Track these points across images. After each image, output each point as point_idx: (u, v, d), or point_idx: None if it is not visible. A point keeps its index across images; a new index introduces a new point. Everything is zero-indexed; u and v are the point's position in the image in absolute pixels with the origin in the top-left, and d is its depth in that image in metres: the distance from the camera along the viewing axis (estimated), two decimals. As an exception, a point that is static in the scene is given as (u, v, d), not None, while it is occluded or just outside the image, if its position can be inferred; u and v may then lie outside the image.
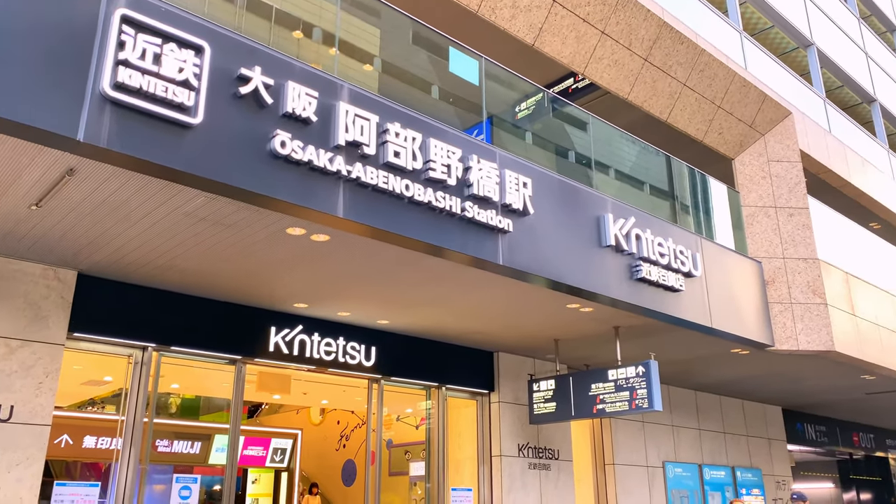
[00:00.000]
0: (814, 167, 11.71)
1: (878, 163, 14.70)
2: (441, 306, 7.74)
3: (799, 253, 10.14)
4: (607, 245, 7.42)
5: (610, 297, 7.33)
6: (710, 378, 11.86)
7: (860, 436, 17.57)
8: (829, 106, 13.80)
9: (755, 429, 13.90)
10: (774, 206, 10.48)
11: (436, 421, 9.16)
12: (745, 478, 13.19)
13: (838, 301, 10.29)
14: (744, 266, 9.75)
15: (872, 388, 12.58)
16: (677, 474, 11.86)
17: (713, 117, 10.48)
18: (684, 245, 8.43)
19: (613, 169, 9.53)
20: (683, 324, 8.23)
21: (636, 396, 7.79)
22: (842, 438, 16.86)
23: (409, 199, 5.67)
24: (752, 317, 9.45)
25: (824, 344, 9.62)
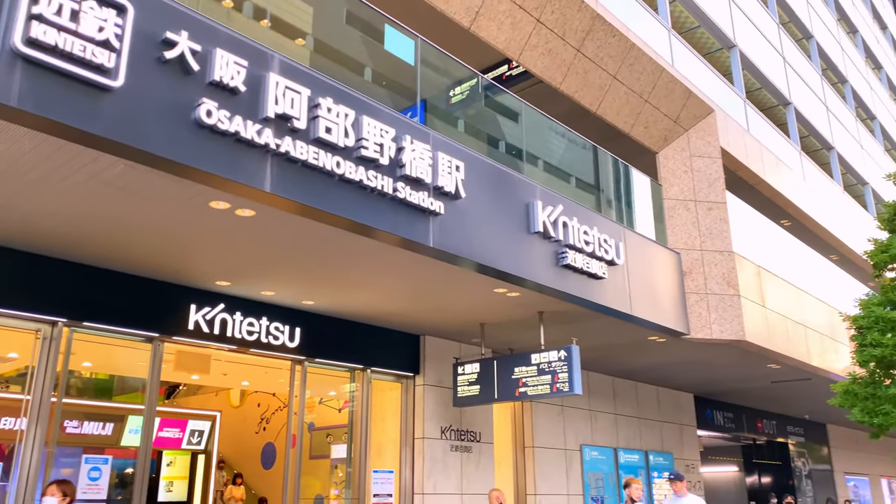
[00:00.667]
0: (732, 164, 12.20)
1: (790, 163, 15.44)
2: (369, 288, 7.69)
3: (716, 245, 10.56)
4: (536, 231, 7.52)
5: (536, 282, 7.44)
6: (627, 364, 12.25)
7: (764, 422, 18.55)
8: (748, 106, 14.39)
9: (668, 415, 14.45)
10: (694, 200, 10.87)
11: (360, 403, 9.11)
12: (657, 461, 13.72)
13: (750, 293, 10.79)
14: (663, 256, 10.08)
15: (777, 376, 13.27)
16: (593, 457, 12.22)
17: (640, 111, 10.75)
18: (608, 234, 8.64)
19: (542, 161, 9.66)
20: (605, 310, 8.45)
21: (557, 380, 7.96)
22: (747, 425, 17.75)
23: (339, 176, 5.57)
24: (670, 306, 9.80)
25: (736, 333, 10.07)
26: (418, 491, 9.12)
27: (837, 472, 21.37)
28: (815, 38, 19.57)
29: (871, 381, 8.54)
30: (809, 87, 18.30)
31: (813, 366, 12.34)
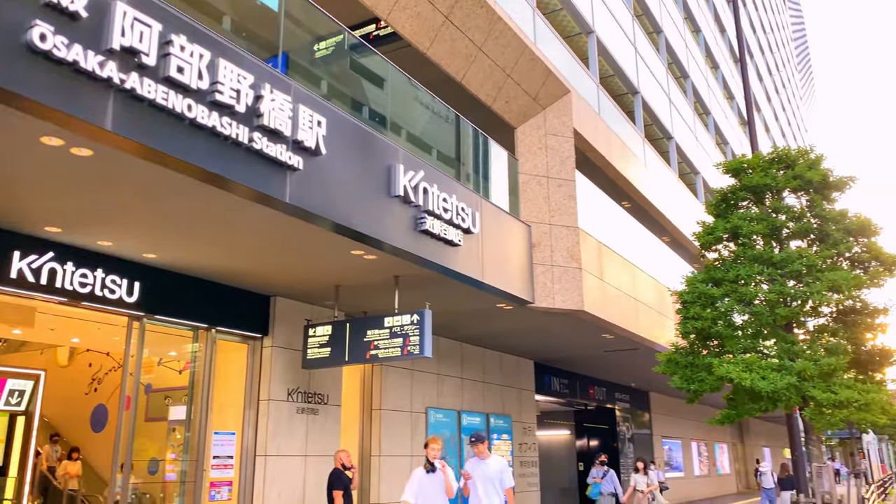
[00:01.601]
0: (583, 145, 12.82)
1: (634, 149, 16.48)
2: (218, 243, 7.34)
3: (563, 221, 11.10)
4: (396, 195, 7.52)
5: (394, 246, 7.46)
6: (476, 330, 12.66)
7: (596, 389, 19.94)
8: (601, 91, 15.15)
9: (510, 380, 15.14)
10: (547, 176, 11.33)
11: (202, 364, 8.74)
12: (497, 424, 14.37)
13: (591, 267, 11.47)
14: (516, 228, 10.46)
15: (610, 346, 14.28)
16: (438, 420, 12.57)
17: (503, 85, 10.99)
18: (466, 203, 8.81)
19: (406, 130, 9.62)
20: (459, 277, 8.65)
21: (409, 343, 8.06)
22: (581, 391, 19.00)
23: (191, 120, 5.24)
24: (518, 275, 10.20)
25: (576, 304, 10.69)
26: (261, 452, 8.95)
27: (656, 436, 23.48)
28: (664, 34, 20.91)
29: (690, 352, 9.40)
30: (656, 79, 19.58)
31: (642, 337, 13.40)
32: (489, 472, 7.07)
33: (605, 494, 12.77)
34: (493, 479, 7.05)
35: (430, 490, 6.87)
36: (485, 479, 7.03)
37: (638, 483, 12.70)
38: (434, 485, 6.87)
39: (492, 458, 7.23)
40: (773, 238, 9.42)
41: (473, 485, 7.08)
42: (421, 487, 6.89)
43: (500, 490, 7.03)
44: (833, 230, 9.02)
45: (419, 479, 6.94)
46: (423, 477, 6.92)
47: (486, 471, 7.07)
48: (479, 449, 7.14)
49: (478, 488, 7.02)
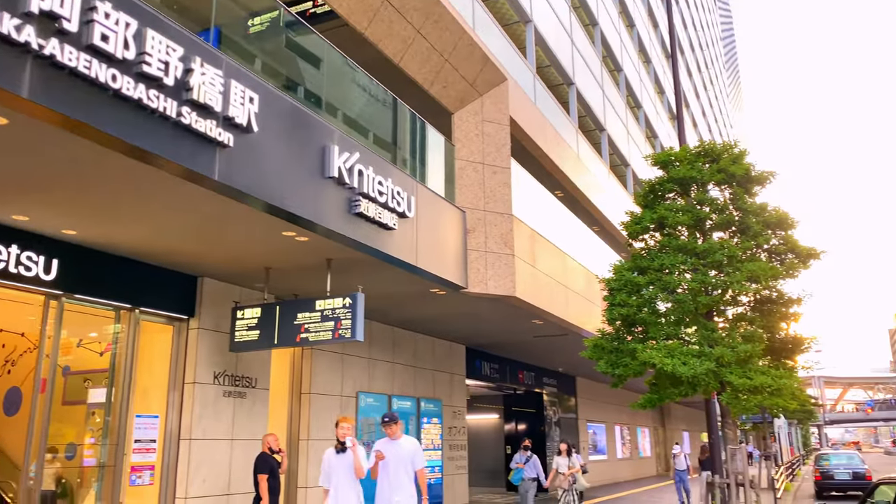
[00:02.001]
0: (518, 133, 12.94)
1: (569, 140, 16.75)
2: (144, 221, 7.09)
3: (498, 208, 11.20)
4: (330, 176, 7.42)
5: (327, 228, 7.37)
6: (408, 315, 12.67)
7: (525, 374, 20.30)
8: (537, 81, 15.32)
9: (442, 364, 15.25)
10: (483, 163, 11.40)
11: (124, 346, 8.45)
12: (427, 408, 14.46)
13: (523, 254, 11.63)
14: (451, 214, 10.49)
15: (539, 331, 14.55)
16: (369, 404, 12.56)
17: (440, 70, 10.97)
18: (402, 187, 8.78)
19: (342, 112, 9.48)
20: (393, 261, 8.62)
21: (340, 327, 8.00)
22: (510, 375, 19.30)
23: (115, 91, 5.02)
24: (452, 260, 10.25)
25: (508, 290, 10.83)
26: (185, 436, 8.74)
27: (581, 420, 24.11)
28: (599, 26, 21.27)
29: (616, 337, 9.67)
30: (591, 72, 19.92)
31: (570, 323, 13.70)
32: (401, 453, 6.94)
33: (527, 479, 12.76)
34: (405, 459, 6.92)
35: (340, 470, 6.74)
36: (396, 459, 6.90)
37: (560, 466, 12.73)
38: (343, 465, 6.74)
39: (403, 438, 7.08)
40: (696, 229, 9.75)
41: (384, 466, 6.91)
42: (332, 468, 6.78)
43: (411, 471, 6.92)
44: (753, 223, 9.40)
45: (329, 460, 6.83)
46: (334, 457, 6.81)
47: (397, 452, 6.94)
48: (392, 430, 7.00)
49: (388, 469, 6.88)
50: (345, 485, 6.70)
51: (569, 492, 12.46)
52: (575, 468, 12.61)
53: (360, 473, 6.70)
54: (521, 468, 12.87)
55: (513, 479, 13.24)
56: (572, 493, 12.44)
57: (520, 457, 13.11)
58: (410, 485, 6.91)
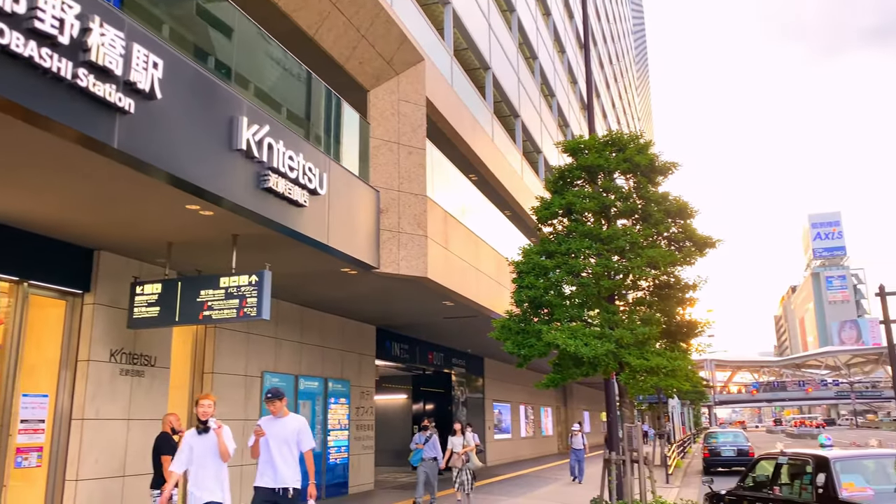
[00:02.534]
0: (434, 115, 12.95)
1: (484, 124, 16.91)
2: (35, 189, 6.66)
3: (412, 188, 11.19)
4: (238, 149, 7.19)
5: (234, 202, 7.14)
6: (318, 295, 12.51)
7: (434, 354, 20.49)
8: (454, 64, 15.34)
9: (351, 344, 15.17)
10: (398, 143, 11.34)
11: (11, 320, 7.94)
12: (335, 388, 14.37)
13: (436, 235, 11.68)
14: (364, 193, 10.40)
15: (450, 313, 14.70)
16: (274, 384, 12.34)
17: (357, 45, 10.80)
18: (314, 163, 8.62)
19: (254, 85, 9.18)
20: (303, 239, 8.47)
21: (246, 305, 7.80)
22: (420, 356, 19.44)
23: (2, 48, 4.67)
24: (364, 240, 10.18)
25: (420, 271, 10.87)
26: (77, 416, 8.33)
27: (488, 400, 24.60)
28: (517, 13, 21.49)
29: (523, 319, 9.88)
30: (507, 58, 20.13)
31: (480, 305, 13.90)
32: (285, 431, 6.41)
33: (426, 460, 12.45)
34: (289, 439, 6.41)
35: (201, 452, 6.21)
36: (279, 439, 6.37)
37: (455, 445, 12.63)
38: (205, 446, 6.21)
39: (290, 416, 6.56)
40: (602, 215, 10.06)
41: (265, 444, 6.37)
42: (192, 451, 6.24)
43: (296, 451, 6.46)
44: (655, 211, 9.78)
45: (190, 442, 6.27)
46: (194, 439, 6.26)
47: (281, 430, 6.40)
48: (275, 406, 6.47)
49: (270, 449, 6.35)
50: (207, 468, 6.20)
51: (462, 470, 12.49)
52: (469, 447, 12.62)
53: (225, 457, 6.25)
54: (420, 449, 12.60)
55: (411, 461, 12.84)
56: (466, 472, 12.49)
57: (419, 437, 12.82)
58: (295, 466, 6.42)
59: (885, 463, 7.50)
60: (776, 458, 8.12)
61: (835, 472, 6.75)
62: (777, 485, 7.76)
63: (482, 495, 14.61)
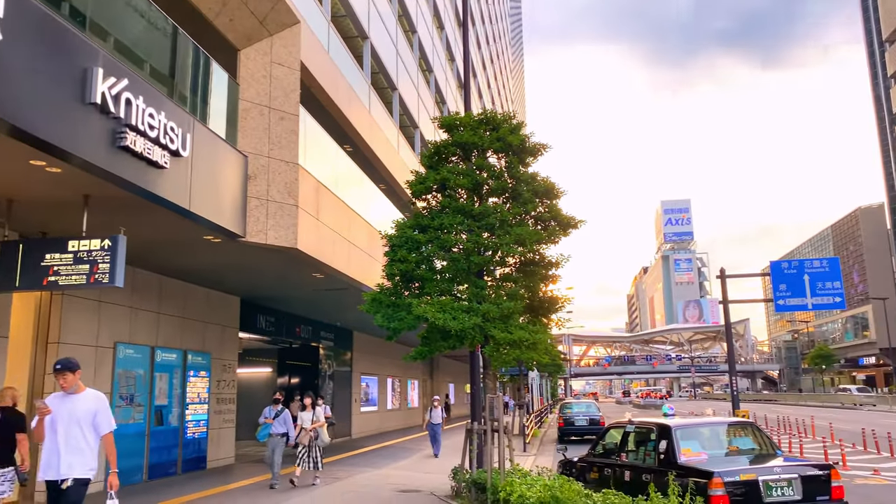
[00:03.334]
0: (309, 81, 12.57)
1: (361, 95, 16.64)
2: None
3: (283, 155, 10.83)
4: (92, 102, 6.63)
5: (85, 159, 6.59)
6: (179, 263, 11.90)
7: (302, 327, 20.14)
8: (332, 30, 14.94)
9: (214, 316, 14.59)
10: (269, 107, 10.92)
11: None
12: (195, 361, 13.79)
13: (308, 205, 11.41)
14: (231, 157, 9.95)
15: (320, 285, 14.47)
16: (129, 356, 11.66)
17: (228, 1, 10.24)
18: (177, 122, 8.12)
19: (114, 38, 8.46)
20: (162, 202, 7.99)
21: (97, 271, 7.27)
22: (287, 329, 19.04)
23: None
24: (230, 207, 9.76)
25: (290, 241, 10.58)
26: None
27: (356, 373, 24.57)
28: (397, -16, 21.23)
29: (394, 292, 9.91)
30: (386, 29, 19.87)
31: (352, 278, 13.78)
32: (77, 410, 5.37)
33: (275, 435, 11.78)
34: (83, 420, 5.38)
35: None
36: (69, 418, 5.34)
37: (304, 420, 12.02)
38: None
39: (85, 393, 5.52)
40: (474, 193, 10.23)
41: (52, 425, 5.33)
42: None
43: (92, 434, 5.43)
44: (524, 191, 10.07)
45: None
46: None
47: (71, 409, 5.37)
48: (66, 380, 5.39)
49: (58, 431, 5.31)
50: None
51: (310, 448, 11.96)
52: (319, 422, 12.11)
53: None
54: (269, 423, 11.87)
55: (258, 436, 12.00)
56: (315, 449, 11.99)
57: (269, 411, 12.05)
58: (89, 452, 5.40)
59: (718, 430, 8.24)
60: (624, 426, 8.70)
61: (675, 439, 7.32)
62: (624, 451, 8.32)
63: (346, 468, 14.63)
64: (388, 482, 12.37)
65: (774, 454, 7.60)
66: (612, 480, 7.94)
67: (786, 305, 21.30)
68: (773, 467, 6.84)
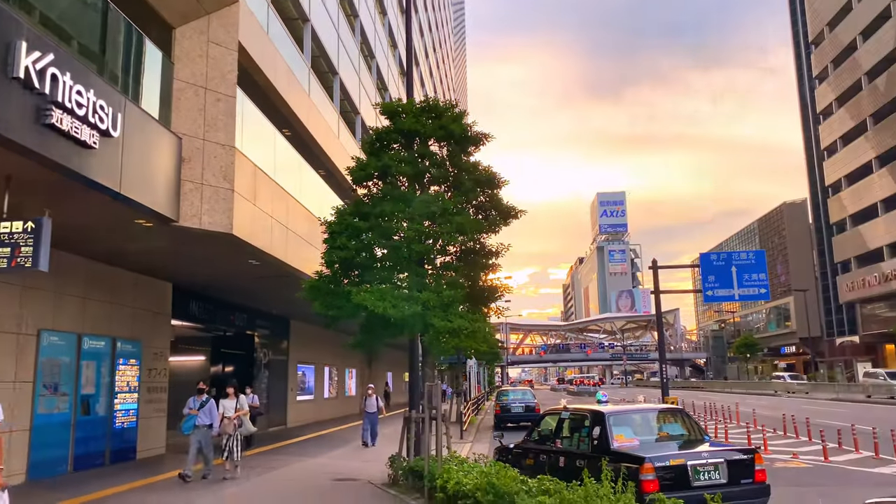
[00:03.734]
0: (248, 62, 12.26)
1: (301, 78, 16.33)
2: None
3: (219, 138, 10.54)
4: (15, 77, 6.31)
5: (6, 136, 6.27)
6: (107, 247, 11.47)
7: (237, 315, 19.73)
8: (271, 11, 14.59)
9: (144, 302, 14.13)
10: (205, 88, 10.60)
11: None
12: (124, 349, 13.34)
13: (245, 190, 11.15)
14: (164, 139, 9.62)
15: (256, 273, 14.18)
16: (53, 343, 11.19)
17: (163, -23, 9.88)
18: (107, 101, 7.79)
19: (40, 11, 8.04)
20: (91, 184, 7.67)
21: (19, 254, 6.93)
22: (222, 317, 18.62)
23: None
24: (163, 190, 9.45)
25: (225, 226, 10.33)
26: None
27: (292, 362, 24.25)
28: (340, -33, 20.88)
29: (333, 280, 9.80)
30: (328, 12, 19.54)
31: (290, 265, 13.56)
32: None
33: (200, 427, 11.02)
34: None
35: None
36: None
37: (226, 409, 11.37)
38: None
39: None
40: (416, 181, 10.20)
41: None
42: None
43: None
44: (466, 180, 10.10)
45: None
46: None
47: None
48: None
49: None
50: None
51: (233, 437, 11.37)
52: (242, 410, 11.59)
53: None
54: (194, 415, 11.08)
55: (183, 428, 11.16)
56: (236, 438, 11.40)
57: (193, 402, 11.24)
58: None
59: (649, 417, 8.48)
60: (559, 413, 8.86)
61: (608, 425, 7.50)
62: (559, 438, 8.47)
63: (281, 457, 14.45)
64: (325, 471, 12.28)
65: (702, 440, 7.88)
66: (548, 466, 8.07)
67: (714, 296, 22.07)
68: (700, 452, 7.09)
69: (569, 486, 5.77)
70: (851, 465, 12.43)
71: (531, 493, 5.91)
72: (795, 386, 47.55)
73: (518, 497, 5.86)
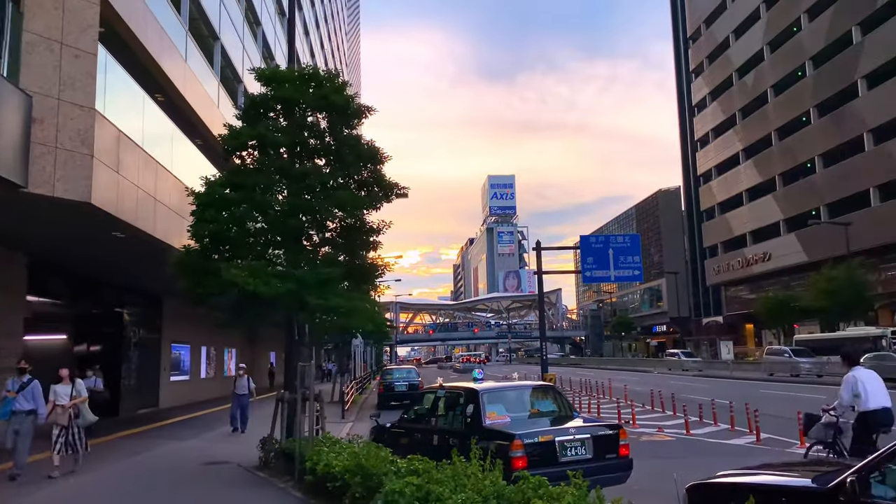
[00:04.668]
0: (112, 17, 11.32)
1: (177, 40, 15.31)
2: None
3: (77, 98, 9.67)
4: None
5: None
6: (-55, 215, 10.33)
7: (104, 291, 18.48)
8: (143, -35, 13.54)
9: (-7, 276, 12.90)
10: (61, 42, 9.68)
11: None
12: (-30, 327, 12.14)
13: (106, 157, 10.33)
14: (11, 97, 8.71)
15: (123, 246, 13.26)
16: None
17: (10, -85, 8.88)
18: (-64, 49, 6.90)
19: None
20: (-86, 141, 6.79)
21: None
22: (85, 293, 17.39)
23: None
24: (10, 153, 8.57)
25: (82, 195, 9.52)
26: None
27: (165, 341, 23.08)
28: (222, -76, 19.74)
29: (202, 255, 9.26)
30: (208, -29, 18.45)
31: (158, 238, 12.77)
32: None
33: (20, 413, 9.45)
34: None
35: None
36: None
37: (59, 396, 9.79)
38: None
39: None
40: (295, 152, 9.80)
41: None
42: None
43: None
44: (347, 154, 9.80)
45: None
46: None
47: None
48: None
49: None
50: None
51: (68, 428, 9.81)
52: (80, 398, 10.05)
53: None
54: (12, 398, 9.52)
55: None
56: (74, 429, 9.86)
57: (12, 383, 9.64)
58: None
59: (523, 394, 8.60)
60: (435, 391, 8.83)
61: (482, 402, 7.52)
62: (434, 416, 8.44)
63: (148, 440, 13.71)
64: (194, 454, 11.73)
65: (571, 416, 8.07)
66: (423, 445, 8.02)
67: (592, 277, 22.89)
68: (568, 428, 7.24)
69: (438, 466, 5.71)
70: (710, 437, 13.25)
71: (400, 474, 5.80)
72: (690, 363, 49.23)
73: (387, 478, 5.75)
